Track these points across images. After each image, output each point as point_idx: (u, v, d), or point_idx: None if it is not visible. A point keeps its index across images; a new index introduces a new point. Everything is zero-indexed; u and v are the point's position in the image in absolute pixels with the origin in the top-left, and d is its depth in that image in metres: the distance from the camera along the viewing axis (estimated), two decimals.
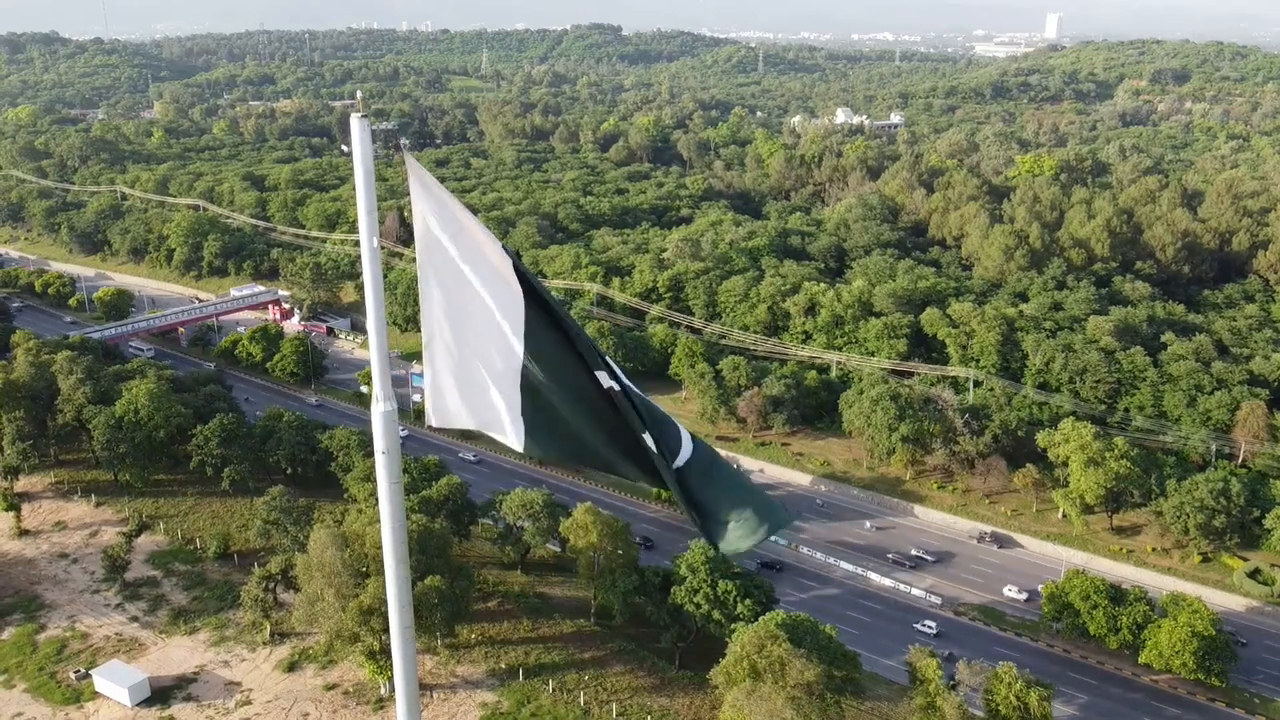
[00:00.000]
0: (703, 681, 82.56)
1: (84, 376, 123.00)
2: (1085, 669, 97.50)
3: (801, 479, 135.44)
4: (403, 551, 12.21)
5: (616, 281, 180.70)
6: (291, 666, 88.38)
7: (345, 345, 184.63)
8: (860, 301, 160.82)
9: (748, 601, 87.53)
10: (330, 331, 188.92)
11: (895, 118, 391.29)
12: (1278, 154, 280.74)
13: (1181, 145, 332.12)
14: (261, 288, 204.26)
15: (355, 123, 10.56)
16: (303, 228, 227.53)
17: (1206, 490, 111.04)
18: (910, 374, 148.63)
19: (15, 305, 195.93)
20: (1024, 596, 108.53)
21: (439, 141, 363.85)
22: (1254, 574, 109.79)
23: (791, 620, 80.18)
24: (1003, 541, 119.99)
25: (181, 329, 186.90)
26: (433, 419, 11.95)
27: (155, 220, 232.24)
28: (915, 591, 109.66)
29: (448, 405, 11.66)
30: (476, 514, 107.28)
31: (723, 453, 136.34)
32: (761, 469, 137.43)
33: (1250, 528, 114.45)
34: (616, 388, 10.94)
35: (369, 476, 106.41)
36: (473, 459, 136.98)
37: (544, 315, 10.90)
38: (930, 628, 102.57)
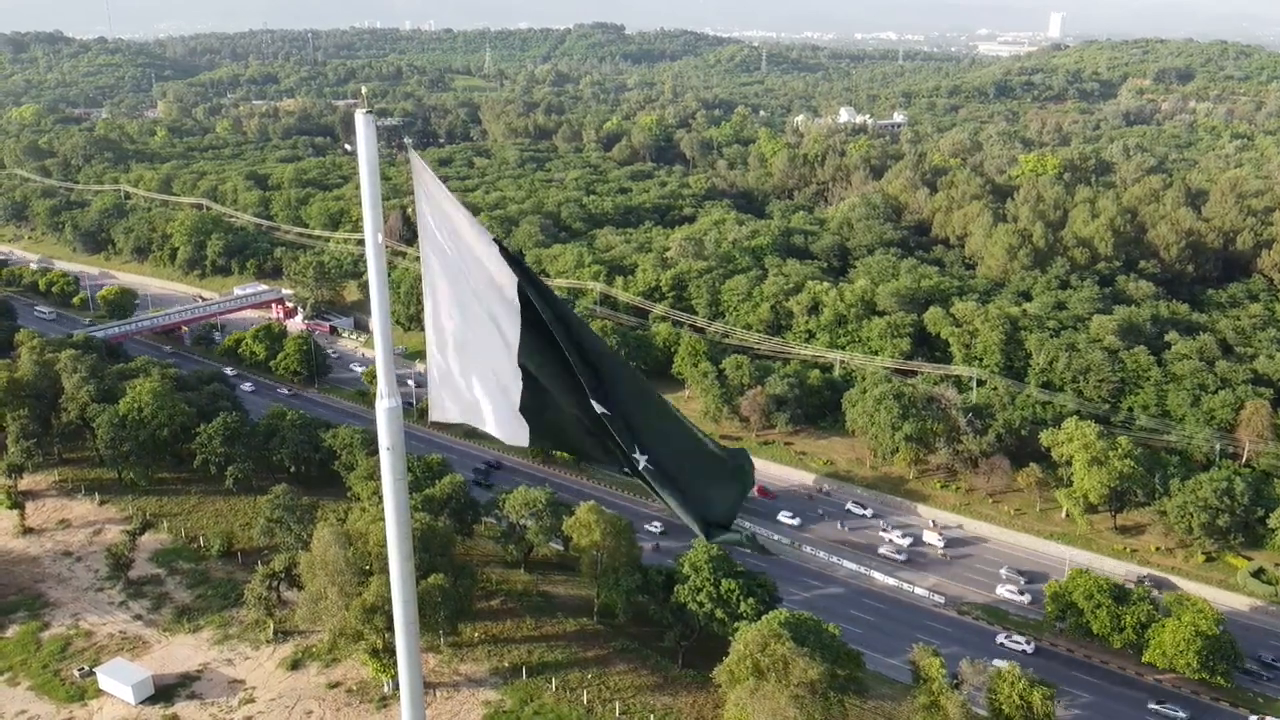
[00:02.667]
0: (706, 680, 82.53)
1: (87, 375, 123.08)
2: (1089, 668, 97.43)
3: (805, 478, 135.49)
4: (407, 547, 12.22)
5: (619, 280, 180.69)
6: (295, 664, 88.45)
7: (349, 344, 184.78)
8: (863, 301, 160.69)
9: (750, 600, 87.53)
10: (334, 330, 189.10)
11: (898, 117, 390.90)
12: None
13: (1185, 145, 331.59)
14: (265, 286, 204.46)
15: (360, 118, 10.57)
16: (306, 226, 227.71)
17: (1210, 490, 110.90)
18: (913, 373, 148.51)
19: (47, 314, 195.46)
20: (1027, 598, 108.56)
21: (442, 141, 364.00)
22: (1258, 573, 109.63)
23: (795, 619, 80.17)
24: (1161, 584, 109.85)
25: (185, 328, 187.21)
26: (435, 415, 11.95)
27: (159, 219, 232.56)
28: (919, 591, 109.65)
29: (451, 401, 11.67)
30: (479, 512, 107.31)
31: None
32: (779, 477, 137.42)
33: (1254, 527, 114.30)
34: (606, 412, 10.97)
35: (372, 475, 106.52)
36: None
37: (540, 318, 10.89)
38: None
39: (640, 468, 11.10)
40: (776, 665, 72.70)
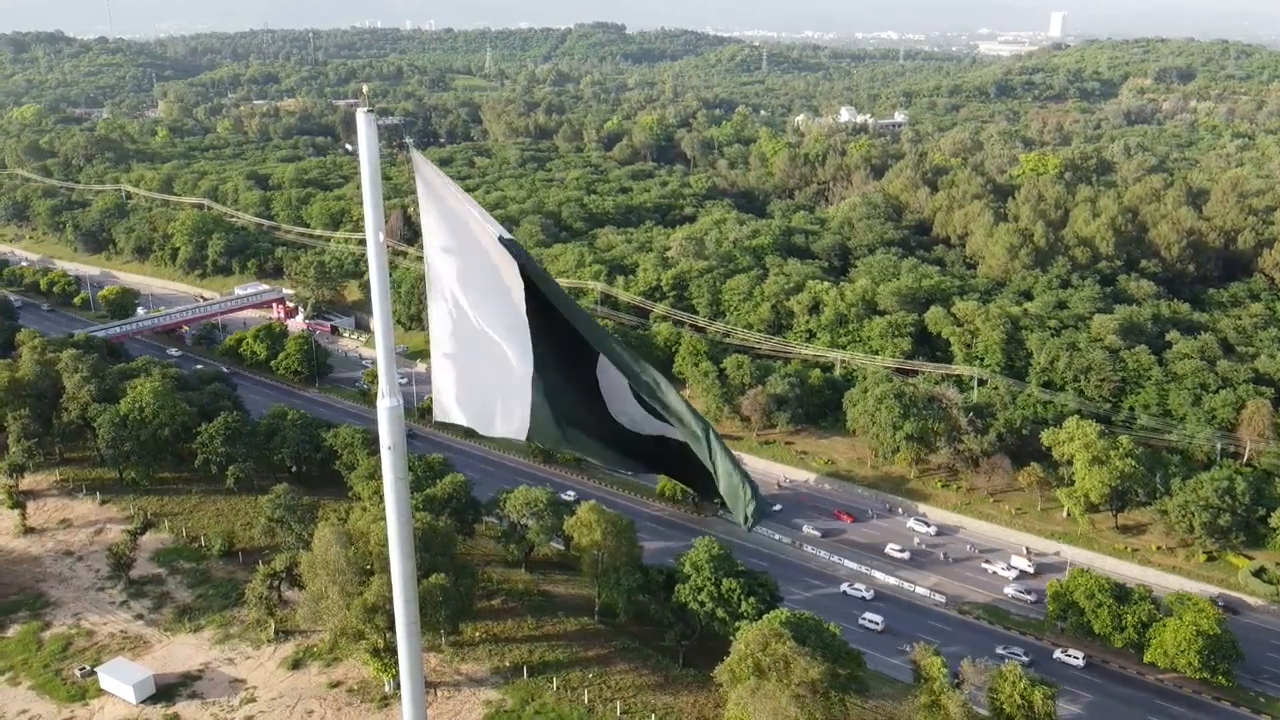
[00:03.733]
0: (707, 679, 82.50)
1: (89, 375, 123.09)
2: (1090, 668, 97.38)
3: (806, 477, 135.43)
4: (408, 546, 12.21)
5: (620, 280, 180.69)
6: (296, 664, 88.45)
7: (350, 344, 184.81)
8: (864, 300, 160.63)
9: (751, 600, 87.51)
10: (334, 330, 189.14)
11: (899, 116, 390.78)
12: None
13: (1186, 144, 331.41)
14: (266, 286, 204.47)
15: (361, 116, 10.54)
16: (307, 226, 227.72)
17: (1211, 489, 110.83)
18: (914, 372, 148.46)
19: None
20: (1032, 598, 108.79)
21: (443, 140, 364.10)
22: (1259, 573, 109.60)
23: (795, 618, 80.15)
24: (1235, 606, 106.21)
25: (185, 327, 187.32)
26: (439, 414, 11.93)
27: (160, 219, 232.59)
28: (920, 590, 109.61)
29: (454, 401, 11.63)
30: (480, 512, 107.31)
31: None
32: (784, 477, 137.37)
33: (1255, 526, 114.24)
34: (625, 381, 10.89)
35: (373, 474, 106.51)
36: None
37: (548, 310, 10.84)
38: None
39: (679, 437, 11.03)
40: (777, 664, 72.68)
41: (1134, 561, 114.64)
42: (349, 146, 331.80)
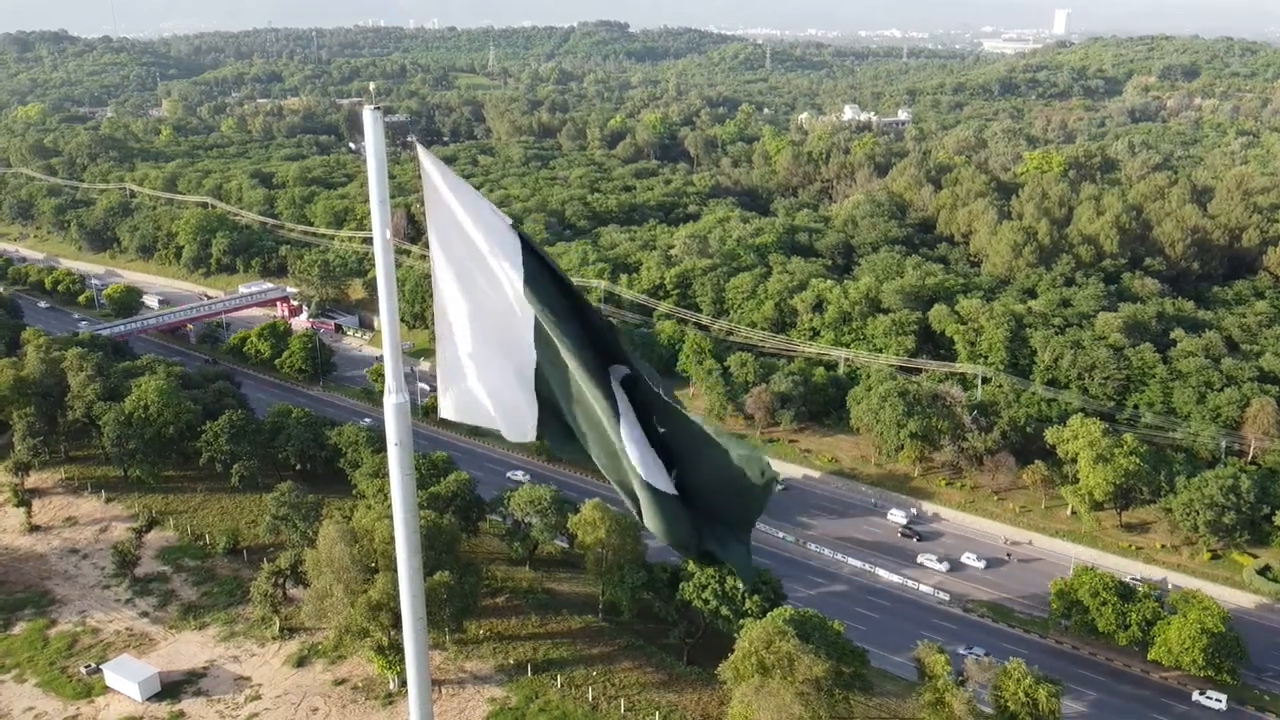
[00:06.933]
0: (711, 677, 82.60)
1: (94, 373, 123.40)
2: (1094, 665, 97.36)
3: (810, 475, 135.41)
4: (415, 542, 12.25)
5: (624, 279, 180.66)
6: (300, 661, 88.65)
7: (354, 342, 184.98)
8: (868, 298, 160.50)
9: (755, 597, 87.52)
10: (339, 328, 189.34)
11: (903, 114, 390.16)
12: None
13: (1191, 141, 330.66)
14: (270, 285, 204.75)
15: (367, 114, 10.57)
16: (311, 225, 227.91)
17: (1216, 487, 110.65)
18: (918, 370, 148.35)
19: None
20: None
21: (446, 139, 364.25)
22: (1264, 571, 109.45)
23: (799, 616, 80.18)
24: None
25: (190, 325, 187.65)
26: (445, 412, 11.96)
27: (164, 218, 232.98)
28: (923, 588, 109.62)
29: (459, 399, 11.66)
30: (484, 510, 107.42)
31: None
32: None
33: (1260, 525, 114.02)
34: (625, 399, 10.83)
35: (377, 472, 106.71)
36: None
37: (554, 313, 10.79)
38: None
39: (658, 484, 11.00)
40: (781, 662, 72.70)
41: (1139, 559, 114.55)
42: (353, 145, 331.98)
